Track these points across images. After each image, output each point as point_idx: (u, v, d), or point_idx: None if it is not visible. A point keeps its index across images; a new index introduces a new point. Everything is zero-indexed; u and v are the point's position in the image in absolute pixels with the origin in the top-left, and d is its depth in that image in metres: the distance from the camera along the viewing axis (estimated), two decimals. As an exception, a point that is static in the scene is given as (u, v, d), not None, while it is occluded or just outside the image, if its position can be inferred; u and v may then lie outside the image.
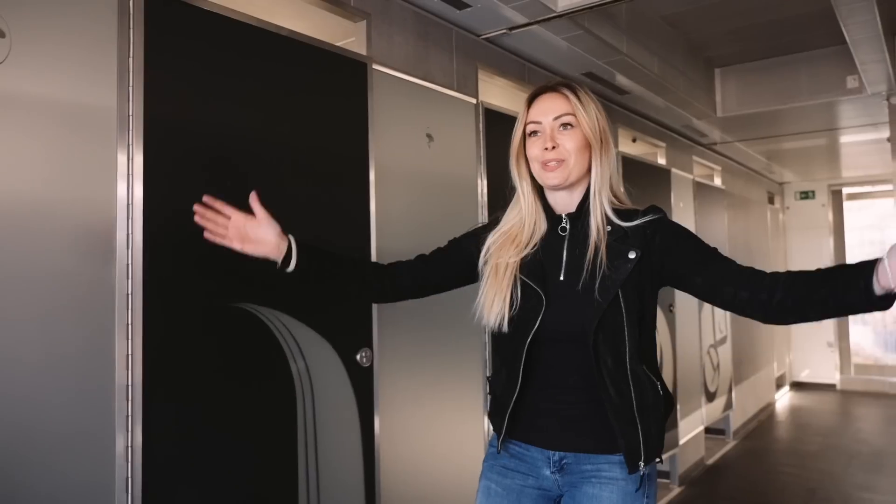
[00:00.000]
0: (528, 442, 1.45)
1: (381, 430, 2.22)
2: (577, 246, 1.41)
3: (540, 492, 1.45)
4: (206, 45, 1.77)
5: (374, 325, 2.20)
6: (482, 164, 2.80)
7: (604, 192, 1.41)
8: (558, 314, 1.38)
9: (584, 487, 1.39)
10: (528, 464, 1.45)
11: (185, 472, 1.66)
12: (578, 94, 1.42)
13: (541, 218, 1.46)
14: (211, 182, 1.75)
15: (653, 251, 1.38)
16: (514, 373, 1.41)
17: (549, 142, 1.40)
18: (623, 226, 1.39)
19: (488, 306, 1.43)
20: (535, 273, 1.41)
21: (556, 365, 1.40)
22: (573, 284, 1.38)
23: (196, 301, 1.70)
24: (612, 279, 1.35)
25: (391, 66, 2.39)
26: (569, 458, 1.40)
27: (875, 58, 3.41)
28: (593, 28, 2.94)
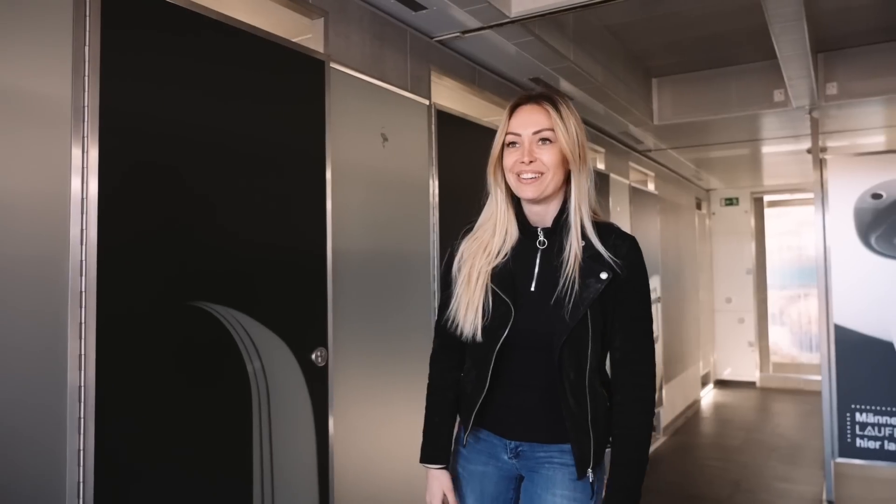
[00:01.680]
0: (488, 429, 1.53)
1: (335, 430, 2.21)
2: (551, 259, 1.44)
3: (500, 473, 1.54)
4: (164, 36, 1.73)
5: (329, 324, 2.19)
6: (434, 166, 2.83)
7: (584, 207, 1.43)
8: (527, 324, 1.42)
9: (540, 470, 1.48)
10: (488, 450, 1.54)
11: (139, 474, 1.61)
12: (559, 109, 1.43)
13: (512, 227, 1.48)
14: (167, 178, 1.71)
15: (620, 276, 1.41)
16: (483, 375, 1.47)
17: (527, 155, 1.41)
18: (597, 244, 1.42)
19: (462, 316, 1.47)
20: (505, 283, 1.44)
21: (520, 368, 1.46)
22: (544, 297, 1.41)
23: (151, 299, 1.66)
24: (583, 297, 1.38)
25: (348, 65, 2.39)
26: (524, 447, 1.49)
27: (801, 73, 3.62)
28: (543, 35, 3.01)
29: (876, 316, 4.19)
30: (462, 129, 3.05)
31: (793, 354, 8.76)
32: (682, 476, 4.98)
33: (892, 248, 4.15)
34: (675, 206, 7.02)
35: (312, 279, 2.15)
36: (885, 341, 4.17)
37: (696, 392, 7.62)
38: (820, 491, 4.47)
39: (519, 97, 1.48)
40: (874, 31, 3.90)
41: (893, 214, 4.14)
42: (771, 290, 8.76)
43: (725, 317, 8.64)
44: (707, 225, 8.76)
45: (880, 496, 4.43)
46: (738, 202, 8.67)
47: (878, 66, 4.07)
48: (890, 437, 4.15)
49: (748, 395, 8.11)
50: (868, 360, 4.21)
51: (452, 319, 1.49)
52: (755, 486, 4.65)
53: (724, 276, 8.72)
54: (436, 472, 1.59)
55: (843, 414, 4.28)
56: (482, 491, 1.54)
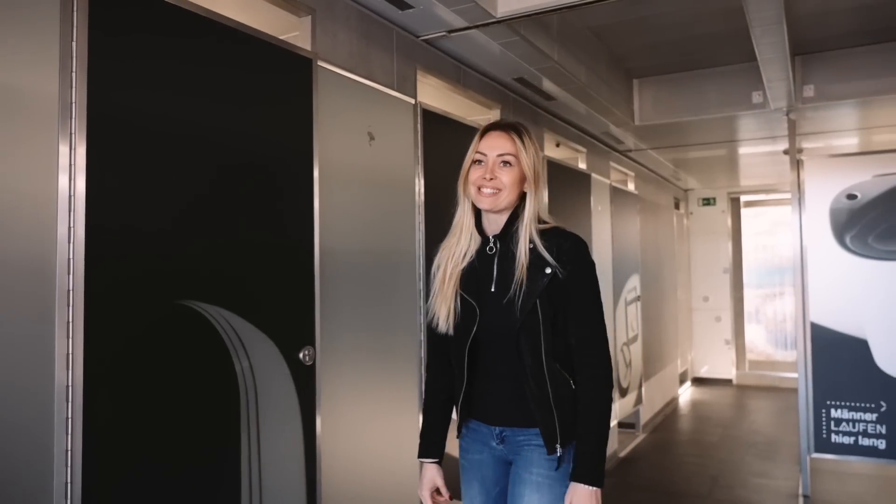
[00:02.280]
0: (477, 419, 1.73)
1: (322, 428, 2.21)
2: (505, 263, 1.66)
3: (495, 459, 1.73)
4: (152, 33, 1.71)
5: (316, 323, 2.19)
6: (419, 164, 2.83)
7: (532, 222, 1.65)
8: (491, 320, 1.65)
9: (521, 453, 1.67)
10: (480, 439, 1.74)
11: (127, 474, 1.60)
12: (523, 139, 1.67)
13: (475, 233, 1.71)
14: (155, 176, 1.70)
15: (564, 271, 1.61)
16: (461, 370, 1.69)
17: (489, 173, 1.64)
18: (543, 247, 1.62)
19: (439, 313, 1.70)
20: (470, 287, 1.68)
21: (490, 359, 1.67)
22: (502, 295, 1.64)
23: (139, 298, 1.64)
24: (531, 291, 1.60)
25: (335, 63, 2.38)
26: (507, 432, 1.68)
27: (780, 76, 3.68)
28: (528, 35, 3.03)
29: (851, 314, 4.28)
30: (447, 128, 3.05)
31: (768, 352, 8.91)
32: (662, 472, 5.05)
33: (867, 247, 4.25)
34: (654, 205, 7.10)
35: (300, 278, 2.15)
36: (859, 339, 4.26)
37: (674, 390, 7.71)
38: (796, 486, 4.55)
39: (491, 123, 1.72)
40: (850, 35, 3.98)
41: (867, 214, 4.23)
42: (747, 289, 8.90)
43: (703, 315, 8.76)
44: (685, 224, 8.87)
45: (854, 490, 4.53)
46: (715, 202, 8.79)
47: (854, 69, 4.16)
48: (864, 433, 4.25)
49: (725, 392, 8.23)
50: (843, 357, 4.30)
51: (434, 316, 1.71)
52: (733, 482, 4.73)
53: (701, 275, 8.84)
54: (429, 466, 1.77)
55: (819, 410, 4.37)
56: (483, 476, 1.74)
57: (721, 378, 8.68)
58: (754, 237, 8.98)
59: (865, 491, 4.51)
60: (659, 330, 7.06)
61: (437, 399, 1.80)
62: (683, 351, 8.41)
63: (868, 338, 4.23)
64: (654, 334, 6.80)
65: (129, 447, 1.61)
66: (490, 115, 3.68)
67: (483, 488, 1.73)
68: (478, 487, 1.74)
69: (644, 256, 6.46)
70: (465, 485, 1.77)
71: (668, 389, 7.38)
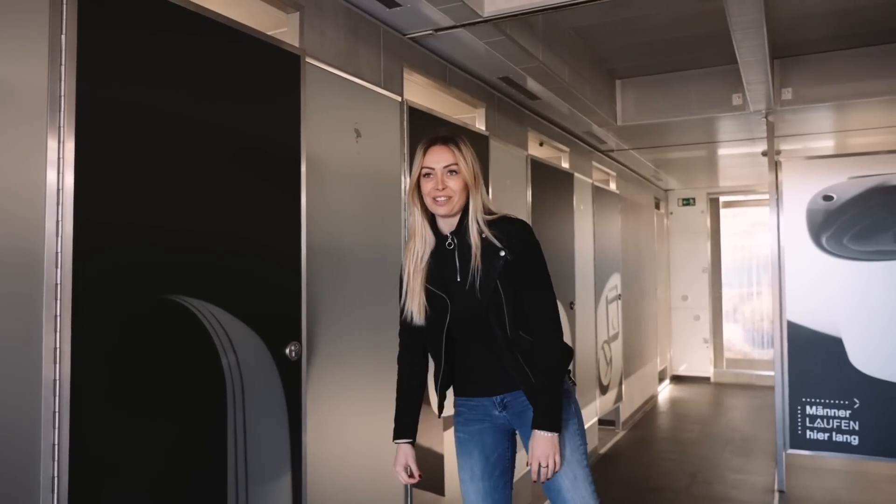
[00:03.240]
0: (474, 395, 1.96)
1: (308, 423, 2.22)
2: (463, 255, 1.87)
3: (495, 428, 1.96)
4: (141, 27, 1.71)
5: (303, 318, 2.19)
6: (406, 162, 2.85)
7: (478, 216, 1.86)
8: (460, 306, 1.86)
9: (525, 416, 1.89)
10: (482, 411, 1.96)
11: (114, 469, 1.60)
12: (461, 148, 1.87)
13: (429, 235, 1.91)
14: (144, 171, 1.69)
15: (513, 252, 1.84)
16: (438, 355, 1.91)
17: (440, 184, 1.84)
18: (493, 235, 1.84)
19: (411, 308, 1.90)
20: (437, 281, 1.89)
21: (467, 341, 1.91)
22: (466, 283, 1.85)
23: (127, 293, 1.64)
24: (490, 274, 1.83)
25: (323, 59, 2.39)
26: (508, 398, 1.92)
27: (759, 79, 3.75)
28: (514, 35, 3.06)
29: (826, 313, 4.37)
30: (433, 125, 3.07)
31: (745, 350, 9.05)
32: (642, 469, 5.11)
33: (842, 248, 4.34)
34: (635, 205, 7.17)
35: (287, 273, 2.15)
36: (834, 337, 4.35)
37: (653, 387, 7.81)
38: (772, 481, 4.64)
39: (429, 139, 1.91)
40: (828, 40, 4.06)
41: (843, 216, 4.32)
42: (725, 289, 9.03)
43: (682, 314, 8.87)
44: (665, 224, 8.97)
45: (828, 485, 4.62)
46: (694, 202, 8.90)
47: (831, 73, 4.24)
48: (838, 429, 4.34)
49: (703, 389, 8.35)
50: (818, 355, 4.39)
51: (407, 313, 1.91)
52: (711, 478, 4.80)
53: (680, 274, 8.95)
54: (402, 446, 1.98)
55: (795, 407, 4.46)
56: (483, 443, 1.96)
57: (699, 376, 8.80)
58: (733, 237, 9.11)
59: (839, 486, 4.61)
60: (639, 328, 7.15)
61: (411, 384, 2.00)
62: (663, 349, 8.51)
63: (843, 336, 4.33)
64: (634, 332, 6.88)
65: (115, 442, 1.60)
66: (475, 113, 3.70)
67: (483, 454, 1.95)
68: (478, 454, 1.95)
69: (625, 255, 6.53)
70: (465, 455, 1.97)
71: (647, 387, 7.47)
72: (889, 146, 6.01)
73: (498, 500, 1.95)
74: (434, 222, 1.92)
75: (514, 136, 4.11)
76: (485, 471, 1.95)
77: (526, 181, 4.12)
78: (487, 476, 1.95)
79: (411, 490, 2.83)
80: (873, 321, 4.25)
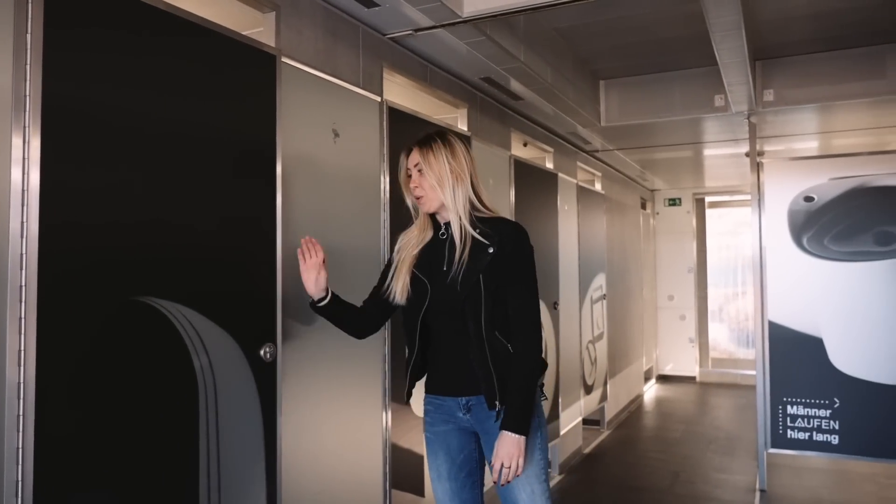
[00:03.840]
0: (441, 394, 1.97)
1: (284, 426, 2.21)
2: (453, 246, 1.92)
3: (460, 430, 1.98)
4: (110, 24, 1.69)
5: (278, 320, 2.18)
6: (385, 162, 2.84)
7: (460, 211, 1.91)
8: (439, 295, 1.91)
9: (488, 422, 1.89)
10: (446, 412, 1.97)
11: (80, 474, 1.58)
12: (430, 147, 1.93)
13: (427, 227, 2.01)
14: (112, 171, 1.68)
15: (503, 251, 1.87)
16: (413, 340, 1.96)
17: (414, 183, 1.96)
18: (483, 231, 1.88)
19: (396, 290, 1.97)
20: (423, 267, 1.95)
21: (442, 332, 1.94)
22: (450, 273, 1.89)
23: (95, 294, 1.63)
24: (474, 269, 1.86)
25: (300, 59, 2.38)
26: (473, 401, 1.92)
27: (740, 80, 3.77)
28: (494, 35, 3.06)
29: (807, 313, 4.41)
30: (413, 126, 3.06)
31: (730, 350, 9.10)
32: (625, 468, 5.13)
33: (823, 248, 4.37)
34: (620, 205, 7.19)
35: (262, 275, 2.14)
36: (815, 337, 4.38)
37: (639, 387, 7.83)
38: (754, 480, 4.67)
39: (410, 143, 1.99)
40: (809, 42, 4.09)
41: (824, 216, 4.35)
42: (711, 288, 9.08)
43: (668, 314, 8.91)
44: (651, 224, 9.01)
45: (809, 484, 4.66)
46: (680, 202, 8.94)
47: (812, 75, 4.27)
48: (818, 429, 4.37)
49: (688, 389, 8.39)
50: (799, 355, 4.42)
51: (390, 291, 1.98)
52: (694, 477, 4.83)
53: (667, 274, 8.99)
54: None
55: (776, 407, 4.48)
56: (448, 445, 1.98)
57: (685, 375, 8.84)
58: (718, 237, 9.16)
59: (820, 484, 4.65)
60: (625, 328, 7.17)
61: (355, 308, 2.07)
62: (649, 349, 8.54)
63: (823, 336, 4.36)
64: (619, 332, 6.90)
65: (82, 445, 1.59)
66: (457, 113, 3.70)
67: (448, 456, 1.98)
68: (443, 456, 1.98)
69: (610, 255, 6.55)
70: (431, 455, 2.01)
71: (633, 386, 7.50)
72: (872, 147, 6.07)
73: (466, 500, 1.98)
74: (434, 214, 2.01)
75: (497, 136, 4.11)
76: (451, 472, 1.99)
77: (509, 181, 4.13)
78: (454, 477, 1.99)
79: (390, 491, 2.83)
80: (853, 321, 4.29)
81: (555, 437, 4.76)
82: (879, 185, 4.25)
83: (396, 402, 2.86)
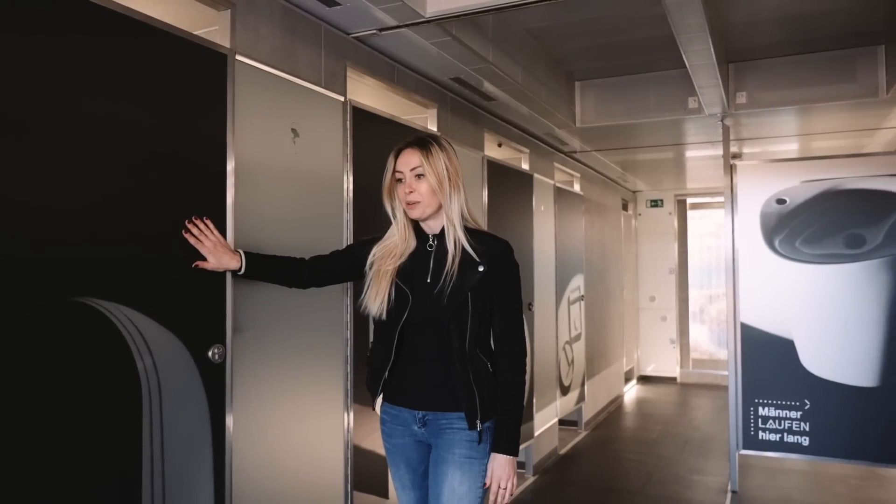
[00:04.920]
0: (399, 405, 1.93)
1: (234, 429, 2.19)
2: (440, 258, 1.87)
3: (416, 442, 1.95)
4: (40, 17, 1.67)
5: (227, 320, 2.16)
6: (349, 163, 2.82)
7: (456, 221, 1.87)
8: (421, 307, 1.85)
9: (443, 436, 1.87)
10: (402, 424, 1.94)
11: (13, 484, 1.56)
12: (430, 150, 1.87)
13: (411, 237, 1.94)
14: (49, 170, 1.65)
15: (494, 270, 1.86)
16: (389, 350, 1.88)
17: (408, 188, 1.87)
18: (475, 246, 1.85)
19: (371, 301, 1.90)
20: (405, 278, 1.89)
21: (419, 344, 1.87)
22: (435, 286, 1.85)
23: (28, 296, 1.60)
24: (463, 285, 1.83)
25: (256, 58, 2.36)
26: (429, 416, 1.88)
27: (710, 83, 3.77)
28: (460, 36, 3.04)
29: (778, 315, 4.42)
30: (380, 126, 3.05)
31: (711, 351, 9.13)
32: (599, 469, 5.13)
33: (794, 251, 4.38)
34: (600, 206, 7.20)
35: (210, 275, 2.11)
36: (786, 339, 4.39)
37: (619, 387, 7.85)
38: (726, 481, 4.68)
39: (402, 143, 1.92)
40: (780, 45, 4.10)
41: (796, 219, 4.37)
42: (692, 290, 9.11)
43: (649, 315, 8.93)
44: (633, 225, 9.02)
45: (780, 485, 4.67)
46: (662, 204, 8.97)
47: (783, 78, 4.29)
48: (789, 430, 4.39)
49: (669, 390, 8.41)
50: (771, 356, 4.43)
51: (363, 303, 1.93)
52: (667, 478, 4.84)
53: (648, 275, 9.01)
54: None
55: (748, 408, 4.50)
56: (408, 458, 1.96)
57: (666, 376, 8.87)
58: (699, 238, 9.19)
59: (791, 486, 4.67)
60: (604, 329, 7.18)
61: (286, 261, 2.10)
62: (629, 350, 8.56)
63: (794, 338, 4.38)
64: (598, 333, 6.90)
65: (13, 454, 1.56)
66: (427, 114, 3.69)
67: (409, 468, 1.97)
68: (404, 468, 1.98)
69: (589, 256, 6.55)
70: (393, 466, 2.01)
71: (612, 387, 7.51)
72: (849, 150, 6.10)
73: None
74: (419, 224, 1.95)
75: (469, 137, 4.10)
76: (414, 482, 1.99)
77: (482, 183, 4.11)
78: (417, 486, 1.99)
79: (352, 493, 2.81)
80: (824, 323, 4.30)
81: (528, 437, 4.76)
82: (851, 188, 4.27)
83: (359, 404, 2.85)
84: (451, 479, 1.85)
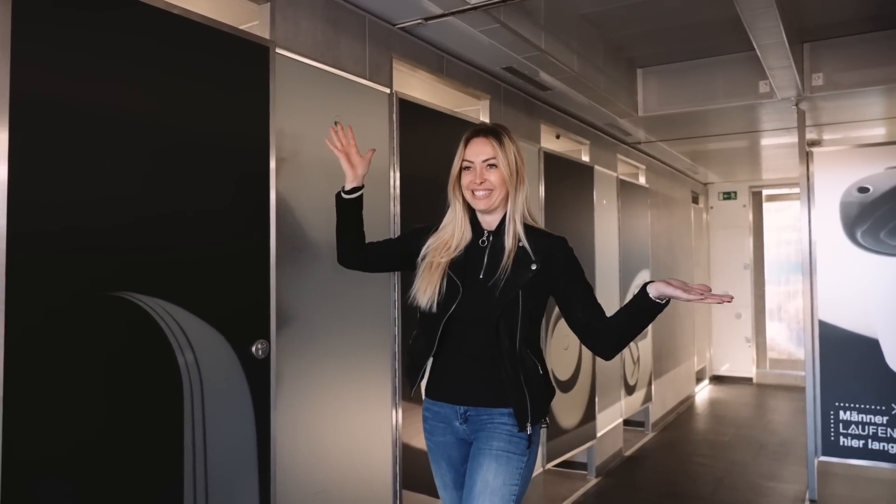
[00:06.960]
0: (440, 400, 1.90)
1: (278, 424, 2.17)
2: (495, 254, 1.84)
3: (458, 440, 1.90)
4: (87, 16, 1.68)
5: (271, 314, 2.15)
6: (395, 155, 2.77)
7: (517, 216, 1.84)
8: (471, 302, 1.81)
9: (483, 430, 1.83)
10: (444, 420, 1.90)
11: (58, 476, 1.58)
12: (502, 141, 1.85)
13: (467, 230, 1.90)
14: (89, 164, 1.67)
15: (553, 268, 1.81)
16: (431, 341, 1.85)
17: (479, 177, 1.84)
18: (531, 244, 1.81)
19: (422, 292, 1.85)
20: (458, 270, 1.85)
21: (465, 339, 1.83)
22: (487, 282, 1.81)
23: (68, 290, 1.62)
24: (515, 283, 1.79)
25: (297, 51, 2.34)
26: (471, 412, 1.84)
27: (782, 64, 3.53)
28: (510, 22, 2.94)
29: (861, 312, 4.11)
30: (428, 118, 2.99)
31: (790, 350, 8.66)
32: (666, 473, 4.92)
33: (878, 243, 4.06)
34: (668, 199, 6.92)
35: (254, 269, 2.11)
36: (870, 338, 4.08)
37: (689, 388, 7.54)
38: (804, 489, 4.40)
39: (472, 131, 1.89)
40: (860, 21, 3.80)
41: (879, 209, 4.05)
42: (769, 286, 8.65)
43: (722, 312, 8.54)
44: (704, 219, 8.65)
45: (864, 495, 4.35)
46: (736, 196, 8.56)
47: (866, 56, 3.97)
48: (874, 436, 4.08)
49: (744, 391, 8.03)
50: (852, 357, 4.13)
51: (413, 295, 1.88)
52: (739, 484, 4.59)
53: (721, 271, 8.62)
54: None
55: (827, 412, 4.21)
56: (449, 456, 1.92)
57: (741, 376, 8.47)
58: (776, 232, 8.72)
59: (876, 496, 4.34)
60: (673, 327, 6.90)
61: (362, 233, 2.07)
62: (701, 348, 8.21)
63: (879, 337, 4.06)
64: (666, 331, 6.64)
65: (56, 448, 1.58)
66: (479, 105, 3.60)
67: (451, 467, 1.92)
68: (446, 466, 1.93)
69: (655, 251, 6.30)
70: (435, 465, 1.97)
71: (682, 387, 7.22)
72: (941, 134, 5.62)
73: None
74: (474, 218, 1.91)
75: (524, 128, 3.99)
76: (456, 481, 1.94)
77: (539, 176, 4.00)
78: (459, 486, 1.93)
79: (401, 491, 2.76)
80: (913, 321, 3.97)
81: (591, 438, 4.61)
82: (943, 174, 3.91)
83: (408, 401, 2.80)
84: (485, 472, 1.78)
